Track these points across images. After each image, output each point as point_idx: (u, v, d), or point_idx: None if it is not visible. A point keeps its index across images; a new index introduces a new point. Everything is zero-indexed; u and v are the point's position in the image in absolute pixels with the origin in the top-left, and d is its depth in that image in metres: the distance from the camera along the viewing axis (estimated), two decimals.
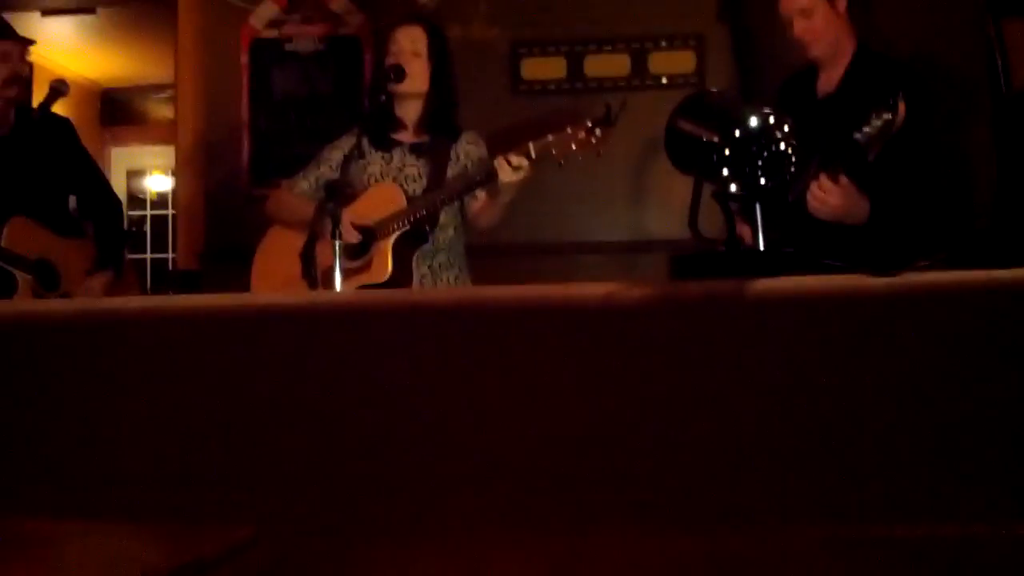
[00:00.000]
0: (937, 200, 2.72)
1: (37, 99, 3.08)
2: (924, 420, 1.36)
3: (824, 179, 2.52)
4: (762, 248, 1.70)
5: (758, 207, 1.72)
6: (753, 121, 1.58)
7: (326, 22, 4.69)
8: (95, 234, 3.22)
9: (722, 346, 1.43)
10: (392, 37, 2.94)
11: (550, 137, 2.64)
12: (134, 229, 8.15)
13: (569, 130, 2.62)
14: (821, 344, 1.41)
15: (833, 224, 2.60)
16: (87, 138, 3.65)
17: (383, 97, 2.89)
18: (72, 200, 3.31)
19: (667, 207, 4.27)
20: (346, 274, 2.48)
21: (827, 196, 2.53)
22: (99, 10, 5.79)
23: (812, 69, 2.95)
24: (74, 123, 3.32)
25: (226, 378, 1.50)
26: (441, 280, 2.92)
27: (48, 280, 3.02)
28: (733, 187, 1.62)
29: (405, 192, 2.84)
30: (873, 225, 2.59)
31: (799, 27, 2.86)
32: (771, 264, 1.58)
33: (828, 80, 2.90)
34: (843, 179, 2.53)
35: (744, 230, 2.37)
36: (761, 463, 1.39)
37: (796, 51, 2.93)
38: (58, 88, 3.02)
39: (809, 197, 2.55)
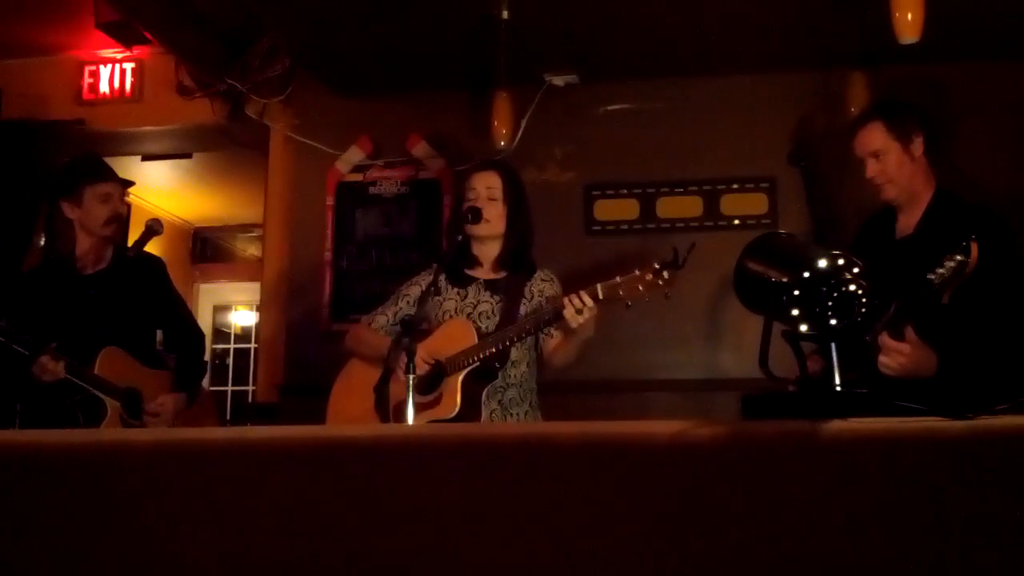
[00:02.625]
0: (1015, 343, 2.65)
1: (133, 237, 3.23)
2: (1004, 570, 1.30)
3: (888, 340, 2.48)
4: (836, 388, 1.68)
5: (833, 347, 1.71)
6: (822, 262, 1.59)
7: (408, 166, 4.88)
8: (176, 365, 3.32)
9: (793, 488, 1.40)
10: (469, 182, 3.04)
11: (618, 279, 2.65)
12: (217, 362, 8.36)
13: (637, 272, 2.64)
14: (895, 489, 1.37)
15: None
16: (177, 274, 3.81)
17: (460, 237, 2.98)
18: (159, 334, 3.43)
19: (741, 345, 4.25)
20: (417, 408, 2.50)
21: (892, 358, 2.50)
22: (195, 155, 6.11)
23: (891, 210, 2.95)
24: (166, 260, 3.47)
25: (294, 509, 1.51)
26: (511, 416, 2.92)
27: (134, 408, 3.11)
28: (803, 327, 1.61)
29: (478, 328, 2.88)
30: (943, 375, 2.53)
31: (872, 169, 2.87)
32: (844, 405, 1.56)
33: (907, 222, 2.90)
34: (910, 335, 2.49)
35: (820, 367, 2.34)
36: None
37: (871, 191, 2.95)
38: (153, 227, 3.16)
39: (880, 357, 2.52)
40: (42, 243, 3.35)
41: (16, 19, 4.88)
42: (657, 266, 2.62)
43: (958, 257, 2.28)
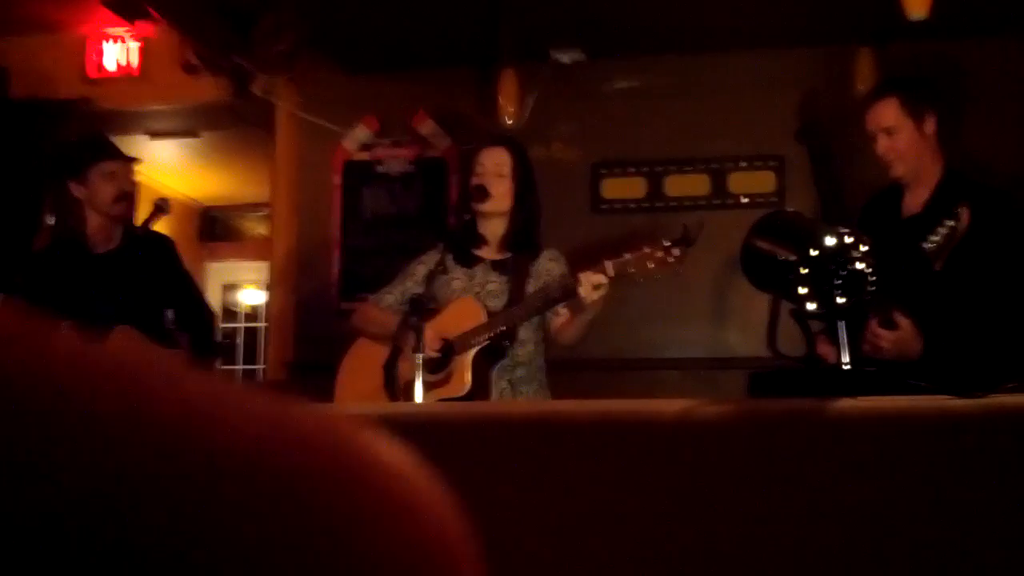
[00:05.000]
0: (1020, 319, 2.65)
1: (142, 216, 3.24)
2: (1009, 545, 1.31)
3: (875, 326, 2.51)
4: (844, 367, 1.68)
5: (842, 326, 1.71)
6: (830, 240, 1.59)
7: (415, 145, 4.87)
8: (189, 345, 3.33)
9: (801, 466, 1.41)
10: (477, 159, 3.04)
11: (627, 256, 2.66)
12: (227, 341, 8.39)
13: (647, 249, 2.64)
14: (904, 467, 1.38)
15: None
16: (186, 253, 3.82)
17: (467, 216, 2.98)
18: (170, 313, 3.44)
19: (748, 324, 4.24)
20: (426, 387, 2.51)
21: (878, 343, 2.52)
22: (202, 134, 6.11)
23: (897, 188, 2.94)
24: (174, 239, 3.48)
25: None
26: (520, 394, 2.93)
27: None
28: (811, 305, 1.61)
29: (486, 307, 2.89)
30: (932, 355, 2.55)
31: (883, 145, 2.86)
32: (852, 383, 1.56)
33: (913, 201, 2.89)
34: (903, 320, 2.51)
35: (829, 349, 2.36)
36: None
37: (878, 169, 2.94)
38: (161, 206, 3.17)
39: (863, 343, 2.54)
40: (51, 223, 3.35)
41: None
42: (667, 243, 2.62)
43: (948, 223, 2.30)
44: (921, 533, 1.35)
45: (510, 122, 4.40)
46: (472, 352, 2.82)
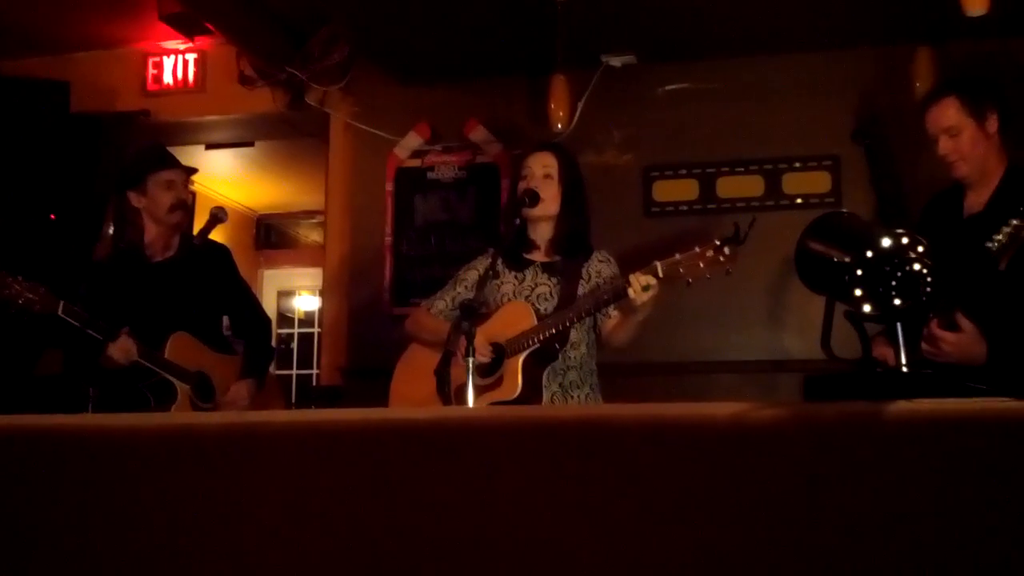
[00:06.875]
0: None
1: (198, 225, 3.29)
2: None
3: (936, 328, 2.46)
4: (902, 369, 1.65)
5: (899, 328, 1.68)
6: (885, 241, 1.56)
7: (466, 151, 4.90)
8: (244, 351, 3.39)
9: (856, 470, 1.39)
10: (525, 163, 3.05)
11: (678, 256, 2.64)
12: (282, 347, 8.51)
13: (697, 249, 2.62)
14: (962, 471, 1.35)
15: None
16: (242, 261, 3.88)
17: (517, 220, 2.99)
18: (226, 320, 3.50)
19: (804, 326, 4.20)
20: (478, 391, 2.52)
21: (934, 346, 2.48)
22: (257, 143, 6.21)
23: (959, 187, 2.90)
24: (230, 246, 3.53)
25: (358, 488, 1.54)
26: (572, 398, 2.93)
27: (204, 392, 3.19)
28: (867, 308, 1.59)
29: (536, 310, 2.89)
30: (996, 360, 2.49)
31: (944, 146, 2.81)
32: (909, 386, 1.53)
33: (976, 200, 2.84)
34: (963, 321, 2.46)
35: (887, 351, 2.32)
36: None
37: (937, 168, 2.89)
38: (217, 215, 3.22)
39: (923, 344, 2.50)
40: (111, 232, 3.42)
41: (83, 13, 5.00)
42: (718, 242, 2.60)
43: (1014, 222, 2.25)
44: (980, 539, 1.32)
45: (561, 127, 4.40)
46: (523, 355, 2.82)
